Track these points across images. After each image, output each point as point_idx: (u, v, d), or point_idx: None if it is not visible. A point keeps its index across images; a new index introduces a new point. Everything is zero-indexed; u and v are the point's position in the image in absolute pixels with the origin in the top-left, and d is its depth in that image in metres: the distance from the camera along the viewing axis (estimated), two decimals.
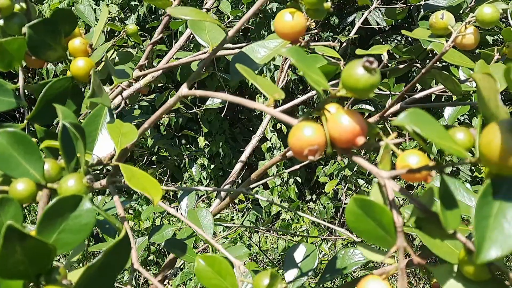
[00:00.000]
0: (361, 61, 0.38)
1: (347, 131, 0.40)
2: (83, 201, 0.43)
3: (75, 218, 0.41)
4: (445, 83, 0.71)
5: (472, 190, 1.27)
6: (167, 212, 2.60)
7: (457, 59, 0.77)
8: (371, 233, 0.39)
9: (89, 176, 0.45)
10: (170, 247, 0.83)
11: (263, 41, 0.64)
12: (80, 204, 0.43)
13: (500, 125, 0.32)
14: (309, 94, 0.98)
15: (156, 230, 0.98)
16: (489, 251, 0.32)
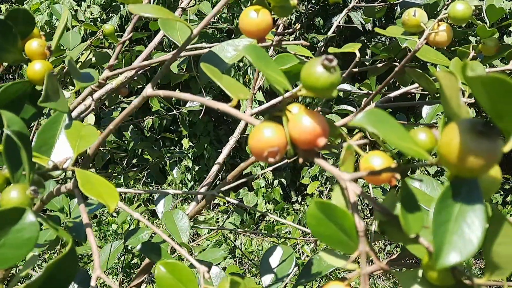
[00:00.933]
0: (320, 59, 0.36)
1: (307, 132, 0.38)
2: (26, 214, 0.40)
3: (16, 232, 0.38)
4: (419, 81, 0.70)
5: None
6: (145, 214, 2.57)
7: (433, 56, 0.76)
8: (333, 237, 0.38)
9: (33, 187, 0.43)
10: (145, 251, 0.80)
11: (233, 40, 0.63)
12: (23, 217, 0.40)
13: (460, 125, 0.31)
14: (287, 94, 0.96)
15: (132, 233, 0.96)
16: (448, 256, 0.30)
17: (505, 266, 0.33)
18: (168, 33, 0.68)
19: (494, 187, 0.34)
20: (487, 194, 0.34)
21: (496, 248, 0.33)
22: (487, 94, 0.29)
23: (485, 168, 0.30)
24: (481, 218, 0.31)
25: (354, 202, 0.37)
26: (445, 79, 0.35)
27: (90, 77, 0.61)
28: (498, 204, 3.47)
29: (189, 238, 0.85)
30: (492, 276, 0.34)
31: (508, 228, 0.32)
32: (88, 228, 0.52)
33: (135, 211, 1.13)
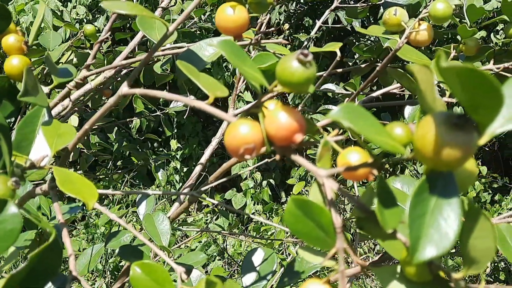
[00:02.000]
0: (295, 54, 0.36)
1: (284, 128, 0.38)
2: (8, 205, 0.40)
3: None
4: (401, 81, 0.70)
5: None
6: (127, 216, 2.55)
7: (414, 56, 0.76)
8: (311, 234, 0.37)
9: (14, 178, 0.42)
10: (124, 254, 0.79)
11: (211, 39, 0.62)
12: (5, 209, 0.40)
13: (434, 118, 0.31)
14: None
15: (113, 236, 0.94)
16: (424, 251, 0.30)
17: (482, 260, 0.33)
18: (146, 32, 0.67)
19: (470, 181, 0.33)
20: (463, 187, 0.33)
21: (473, 242, 0.33)
22: (461, 86, 0.29)
23: (460, 161, 0.30)
24: (457, 211, 0.31)
25: (331, 199, 0.36)
26: (420, 73, 0.34)
27: (68, 72, 0.60)
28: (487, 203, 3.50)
29: (169, 240, 0.83)
30: (470, 271, 0.34)
31: (484, 222, 0.32)
32: (64, 228, 0.51)
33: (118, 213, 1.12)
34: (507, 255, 0.54)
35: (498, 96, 0.28)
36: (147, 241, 0.50)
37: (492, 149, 3.78)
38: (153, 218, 0.85)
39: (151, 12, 0.49)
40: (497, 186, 3.51)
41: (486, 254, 0.32)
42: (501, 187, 3.53)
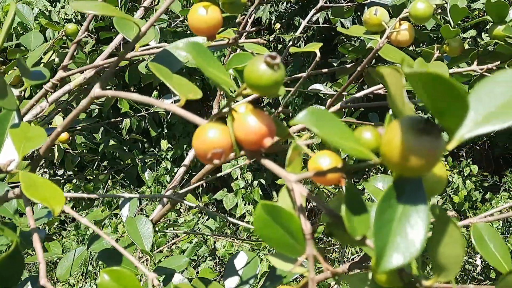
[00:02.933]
0: (263, 57, 0.35)
1: (253, 132, 0.37)
2: None
3: None
4: (382, 80, 0.69)
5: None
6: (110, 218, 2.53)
7: (397, 56, 0.75)
8: (280, 240, 0.36)
9: None
10: (104, 258, 0.78)
11: (187, 39, 0.61)
12: None
13: (401, 123, 0.30)
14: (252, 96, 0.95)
15: (95, 238, 0.93)
16: (390, 259, 0.29)
17: (451, 267, 0.32)
18: (124, 32, 0.65)
19: (439, 186, 0.33)
20: (432, 193, 0.33)
21: (442, 249, 0.32)
22: (425, 92, 0.28)
23: (427, 167, 0.29)
24: (424, 218, 0.30)
25: (301, 204, 0.36)
26: (390, 76, 0.34)
27: (41, 75, 0.58)
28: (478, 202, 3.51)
29: (159, 241, 0.82)
30: (439, 278, 0.33)
31: (453, 229, 0.31)
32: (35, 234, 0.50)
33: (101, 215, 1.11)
34: (485, 254, 0.54)
35: (463, 103, 0.27)
36: (119, 246, 0.49)
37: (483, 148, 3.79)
38: (135, 222, 0.84)
39: (122, 12, 0.48)
40: (487, 184, 3.52)
41: (455, 261, 0.32)
42: (491, 185, 3.54)
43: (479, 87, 0.32)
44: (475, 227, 0.58)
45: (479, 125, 0.31)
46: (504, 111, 0.31)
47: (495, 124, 0.30)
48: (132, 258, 0.47)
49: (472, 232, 0.58)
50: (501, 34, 0.75)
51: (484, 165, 3.77)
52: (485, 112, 0.31)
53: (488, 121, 0.31)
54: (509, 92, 0.32)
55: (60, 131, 0.54)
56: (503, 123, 0.30)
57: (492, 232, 0.58)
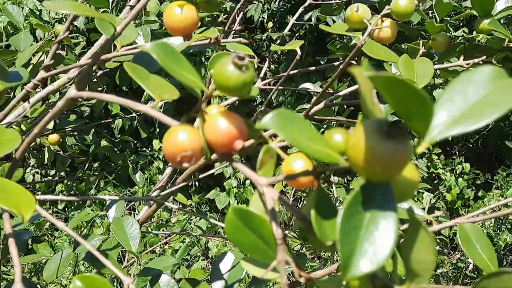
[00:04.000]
0: (231, 57, 0.34)
1: (223, 134, 0.36)
2: None
3: None
4: None
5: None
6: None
7: (382, 53, 0.75)
8: (252, 245, 0.36)
9: None
10: (90, 260, 0.77)
11: (167, 38, 0.60)
12: None
13: (367, 125, 0.29)
14: None
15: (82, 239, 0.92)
16: (358, 266, 0.28)
17: (423, 274, 0.31)
18: (106, 32, 0.65)
19: (411, 190, 0.32)
20: (403, 197, 0.32)
21: (414, 255, 0.31)
22: (389, 95, 0.27)
23: (394, 171, 0.28)
24: (393, 224, 0.29)
25: (272, 208, 0.35)
26: (360, 76, 0.33)
27: (18, 76, 0.57)
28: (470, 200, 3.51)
29: (152, 241, 0.80)
30: (413, 284, 0.32)
31: (424, 234, 0.31)
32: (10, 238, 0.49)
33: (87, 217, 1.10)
34: (471, 255, 0.53)
35: (426, 107, 0.26)
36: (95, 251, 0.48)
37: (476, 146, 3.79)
38: (122, 222, 0.83)
39: (96, 11, 0.47)
40: (480, 182, 3.52)
41: (427, 267, 0.31)
42: (484, 183, 3.54)
43: (451, 87, 0.31)
44: (461, 227, 0.58)
45: (450, 126, 0.30)
46: (476, 111, 0.30)
47: (467, 125, 0.30)
48: (107, 262, 0.47)
49: (458, 233, 0.58)
50: (487, 28, 0.75)
51: (477, 163, 3.77)
52: (457, 113, 0.30)
53: (459, 123, 0.30)
54: (481, 91, 0.31)
55: (37, 133, 0.53)
56: (475, 124, 0.29)
57: (478, 233, 0.58)
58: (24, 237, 0.84)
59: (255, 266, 0.38)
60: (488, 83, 0.31)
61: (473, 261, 0.53)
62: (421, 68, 0.72)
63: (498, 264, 1.25)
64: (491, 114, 0.29)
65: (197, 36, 0.61)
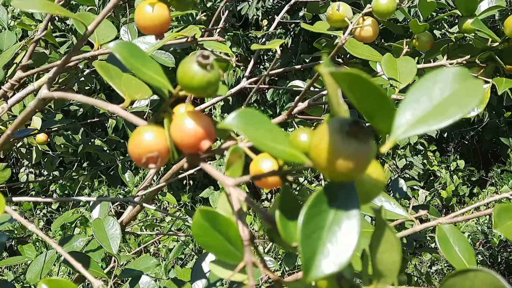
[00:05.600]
0: (195, 56, 0.33)
1: (189, 135, 0.35)
2: None
3: None
4: None
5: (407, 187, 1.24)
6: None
7: (365, 52, 0.74)
8: (219, 247, 0.35)
9: None
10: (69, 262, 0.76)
11: (143, 37, 0.60)
12: None
13: (329, 125, 0.28)
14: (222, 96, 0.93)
15: (66, 241, 0.91)
16: (319, 267, 0.28)
17: (389, 274, 0.31)
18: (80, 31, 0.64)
19: (376, 190, 0.31)
20: (369, 198, 0.31)
21: (380, 255, 0.31)
22: (351, 92, 0.27)
23: (356, 171, 0.28)
24: (356, 224, 0.28)
25: (238, 209, 0.34)
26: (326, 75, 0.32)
27: None
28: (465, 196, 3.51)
29: (146, 239, 0.79)
30: (379, 284, 0.32)
31: (389, 235, 0.30)
32: None
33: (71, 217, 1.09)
34: (449, 256, 0.53)
35: (387, 105, 0.26)
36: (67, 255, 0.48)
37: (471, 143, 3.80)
38: (103, 223, 0.82)
39: (66, 10, 0.47)
40: (475, 179, 3.53)
41: (392, 268, 0.30)
42: (479, 180, 3.54)
43: (417, 87, 0.31)
44: (439, 228, 0.57)
45: (414, 126, 0.29)
46: (440, 111, 0.29)
47: (431, 125, 0.29)
48: (79, 266, 0.46)
49: (436, 234, 0.57)
50: (470, 28, 0.74)
51: (472, 160, 3.77)
52: (421, 113, 0.30)
53: (423, 122, 0.29)
54: (446, 91, 0.30)
55: (9, 134, 0.52)
56: (438, 123, 0.29)
57: (457, 234, 0.57)
58: (1, 239, 0.83)
59: (223, 268, 0.38)
60: (454, 83, 0.30)
61: (451, 263, 0.53)
62: (404, 67, 0.72)
63: (489, 261, 1.22)
64: (454, 114, 0.29)
65: (174, 35, 0.60)
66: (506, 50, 0.77)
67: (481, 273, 0.28)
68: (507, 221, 0.55)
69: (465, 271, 0.29)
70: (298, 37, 3.53)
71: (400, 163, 3.76)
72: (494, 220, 0.55)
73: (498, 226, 0.55)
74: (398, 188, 1.45)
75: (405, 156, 3.78)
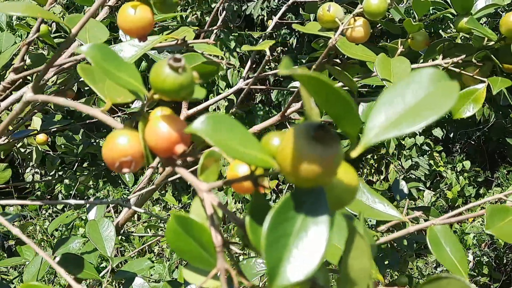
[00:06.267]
0: (166, 60, 0.33)
1: (163, 138, 0.35)
2: None
3: None
4: (340, 78, 0.67)
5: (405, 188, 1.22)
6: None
7: (359, 53, 0.74)
8: (193, 253, 0.35)
9: None
10: (65, 263, 0.76)
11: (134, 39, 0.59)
12: None
13: (295, 129, 0.28)
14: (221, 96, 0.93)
15: (62, 242, 0.91)
16: (286, 275, 0.27)
17: (359, 282, 0.30)
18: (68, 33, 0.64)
19: (349, 196, 0.31)
20: (341, 203, 0.31)
21: (351, 262, 0.30)
22: (315, 96, 0.26)
23: (323, 177, 0.27)
24: (325, 231, 0.28)
25: (211, 215, 0.34)
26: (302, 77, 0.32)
27: None
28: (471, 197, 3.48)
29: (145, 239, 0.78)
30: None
31: (359, 241, 0.30)
32: None
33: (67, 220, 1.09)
34: (440, 257, 0.52)
35: (350, 109, 0.25)
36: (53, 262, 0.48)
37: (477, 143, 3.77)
38: (97, 224, 0.82)
39: (49, 12, 0.47)
40: (481, 180, 3.50)
41: (363, 275, 0.30)
42: (485, 181, 3.51)
43: (391, 89, 0.30)
44: (431, 229, 0.57)
45: (387, 129, 0.29)
46: (413, 114, 0.29)
47: (403, 128, 0.29)
48: (58, 268, 0.46)
49: (427, 235, 0.57)
50: (465, 26, 0.73)
51: (479, 160, 3.74)
52: (394, 116, 0.29)
53: (396, 125, 0.29)
54: (420, 94, 0.30)
55: None
56: (411, 126, 0.28)
57: (449, 235, 0.56)
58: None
59: (197, 274, 0.37)
60: (428, 85, 0.30)
61: (442, 264, 0.52)
62: (398, 67, 0.71)
63: (495, 263, 1.20)
64: (427, 117, 0.28)
65: (164, 37, 0.60)
66: (503, 49, 0.76)
67: (453, 280, 0.28)
68: (499, 222, 0.55)
69: (438, 279, 0.29)
70: (303, 38, 3.53)
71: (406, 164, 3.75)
72: (487, 221, 0.54)
73: (490, 227, 0.54)
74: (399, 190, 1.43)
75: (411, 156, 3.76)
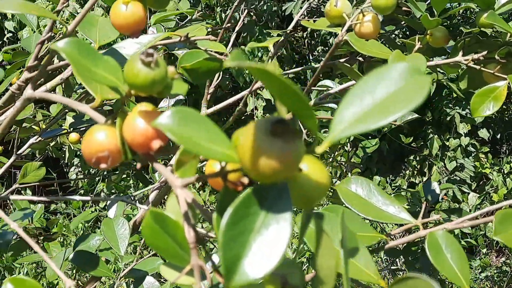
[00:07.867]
0: (138, 55, 0.33)
1: (139, 134, 0.35)
2: None
3: None
4: (350, 75, 0.65)
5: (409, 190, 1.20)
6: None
7: (375, 49, 0.71)
8: (169, 250, 0.34)
9: None
10: (78, 261, 0.78)
11: None
12: None
13: (256, 124, 0.27)
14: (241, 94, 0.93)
15: (81, 240, 0.93)
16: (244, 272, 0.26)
17: (327, 280, 0.29)
18: (85, 32, 0.65)
19: (318, 193, 0.29)
20: (310, 201, 0.29)
21: (319, 260, 0.29)
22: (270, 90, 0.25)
23: (282, 172, 0.26)
24: (287, 228, 0.27)
25: (185, 211, 0.33)
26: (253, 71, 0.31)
27: None
28: None
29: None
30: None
31: (326, 240, 0.29)
32: None
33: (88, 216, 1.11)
34: (438, 265, 0.49)
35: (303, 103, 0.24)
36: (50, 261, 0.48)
37: None
38: (112, 223, 0.83)
39: (44, 10, 0.47)
40: None
41: (330, 274, 0.29)
42: None
43: (361, 84, 0.29)
44: (431, 235, 0.54)
45: (354, 124, 0.28)
46: (381, 109, 0.28)
47: (370, 123, 0.27)
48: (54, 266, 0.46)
49: (427, 241, 0.54)
50: (486, 22, 0.70)
51: None
52: (361, 111, 0.28)
53: (363, 121, 0.28)
54: (390, 88, 0.28)
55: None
56: (378, 122, 0.27)
57: (450, 241, 0.53)
58: (8, 237, 0.85)
59: (174, 270, 0.37)
60: (400, 80, 0.28)
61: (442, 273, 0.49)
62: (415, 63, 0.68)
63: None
64: (395, 112, 0.27)
65: (167, 34, 0.60)
66: None
67: (419, 280, 0.26)
68: (510, 229, 0.52)
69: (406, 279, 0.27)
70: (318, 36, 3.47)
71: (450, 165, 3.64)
72: (495, 227, 0.51)
73: (499, 233, 0.51)
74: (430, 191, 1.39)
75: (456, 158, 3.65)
